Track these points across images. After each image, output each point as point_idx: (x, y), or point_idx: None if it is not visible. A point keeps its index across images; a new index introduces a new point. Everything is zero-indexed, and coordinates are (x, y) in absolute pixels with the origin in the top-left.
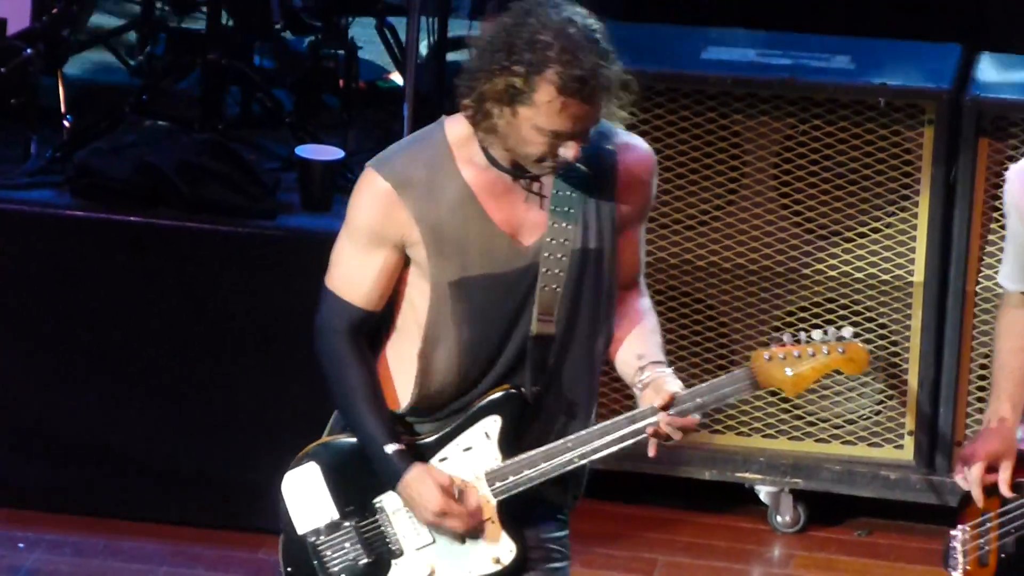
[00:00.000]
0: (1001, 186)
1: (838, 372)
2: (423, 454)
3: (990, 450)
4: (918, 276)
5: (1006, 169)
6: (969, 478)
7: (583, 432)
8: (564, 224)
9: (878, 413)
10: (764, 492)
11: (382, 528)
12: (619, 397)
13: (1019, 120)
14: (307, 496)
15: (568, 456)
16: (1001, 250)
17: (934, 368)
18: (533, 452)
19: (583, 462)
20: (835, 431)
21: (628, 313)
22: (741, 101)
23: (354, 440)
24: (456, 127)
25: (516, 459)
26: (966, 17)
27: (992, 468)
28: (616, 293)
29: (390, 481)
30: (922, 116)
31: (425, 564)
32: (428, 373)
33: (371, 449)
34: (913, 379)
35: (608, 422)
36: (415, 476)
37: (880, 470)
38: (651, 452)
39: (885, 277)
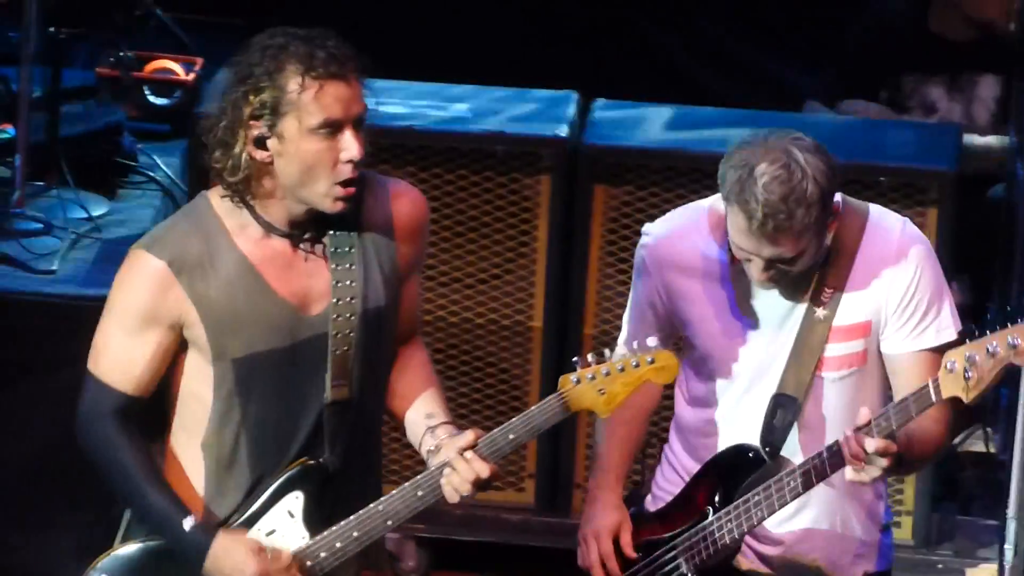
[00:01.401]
0: (617, 231)
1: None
2: None
3: (611, 524)
4: (537, 321)
5: (623, 215)
6: (601, 551)
7: (394, 493)
8: (349, 284)
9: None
10: (387, 539)
11: None
12: None
13: (634, 166)
14: None
15: (381, 521)
16: (618, 294)
17: None
18: (344, 523)
19: (396, 524)
20: None
21: (411, 366)
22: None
23: (143, 545)
24: (221, 198)
25: (326, 534)
26: (582, 64)
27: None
28: (396, 347)
29: (196, 558)
30: (539, 163)
31: None
32: (218, 462)
33: (167, 529)
34: None
35: (419, 477)
36: (223, 546)
37: (502, 513)
38: (447, 491)
39: (505, 323)
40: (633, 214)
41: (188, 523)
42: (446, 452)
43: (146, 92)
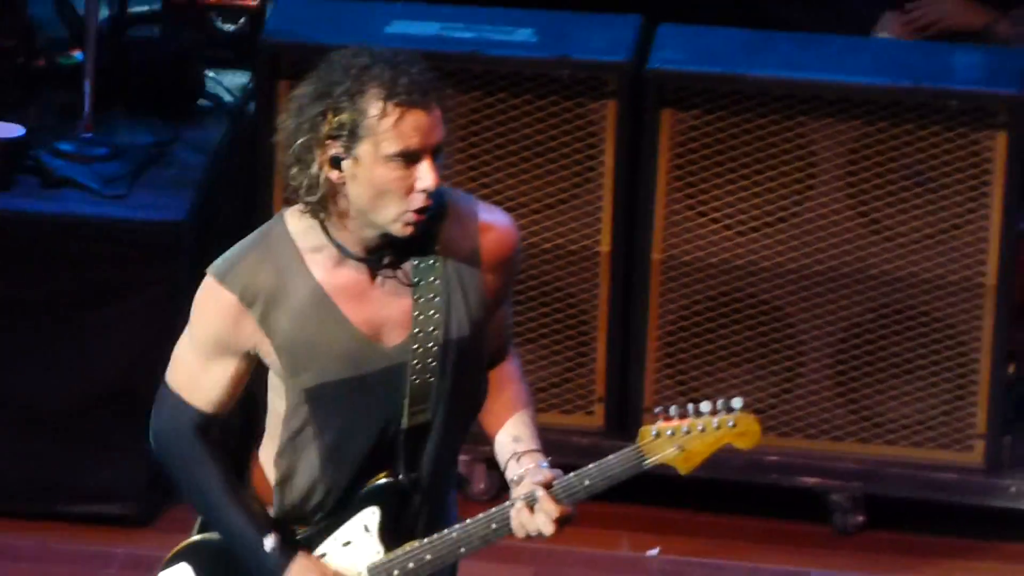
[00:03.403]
0: (684, 156)
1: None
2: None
3: None
4: (604, 246)
5: (690, 139)
6: None
7: (468, 522)
8: (431, 315)
9: (568, 380)
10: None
11: None
12: None
13: (700, 90)
14: None
15: (453, 548)
16: (685, 219)
17: (622, 336)
18: (418, 544)
19: (468, 552)
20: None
21: (500, 382)
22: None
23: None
24: (298, 220)
25: (400, 552)
26: None
27: None
28: (486, 375)
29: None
30: (605, 88)
31: None
32: (289, 482)
33: (245, 549)
34: (602, 347)
35: (493, 510)
36: (299, 570)
37: (572, 437)
38: (515, 527)
39: (572, 248)
40: (700, 138)
41: (268, 543)
42: (522, 488)
43: (213, 18)
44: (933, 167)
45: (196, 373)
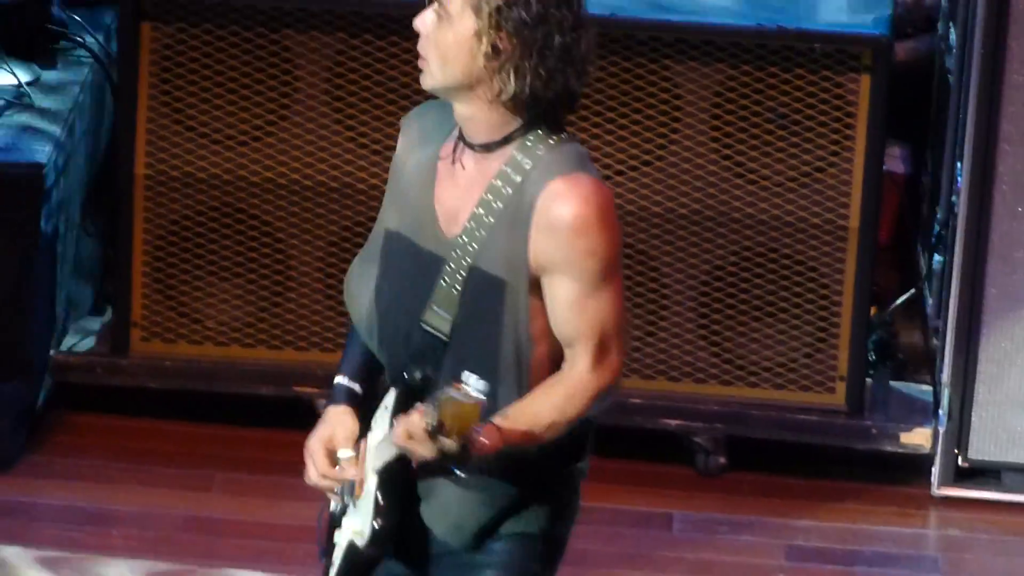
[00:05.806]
0: None
1: None
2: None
3: None
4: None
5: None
6: None
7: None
8: (478, 232)
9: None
10: None
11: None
12: None
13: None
14: None
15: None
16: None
17: None
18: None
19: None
20: None
21: (548, 382)
22: (291, 15)
23: None
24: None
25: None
26: None
27: None
28: (531, 343)
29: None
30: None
31: (348, 526)
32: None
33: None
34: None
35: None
36: (330, 415)
37: None
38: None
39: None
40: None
41: (337, 378)
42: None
43: None
44: (797, 110)
45: None
